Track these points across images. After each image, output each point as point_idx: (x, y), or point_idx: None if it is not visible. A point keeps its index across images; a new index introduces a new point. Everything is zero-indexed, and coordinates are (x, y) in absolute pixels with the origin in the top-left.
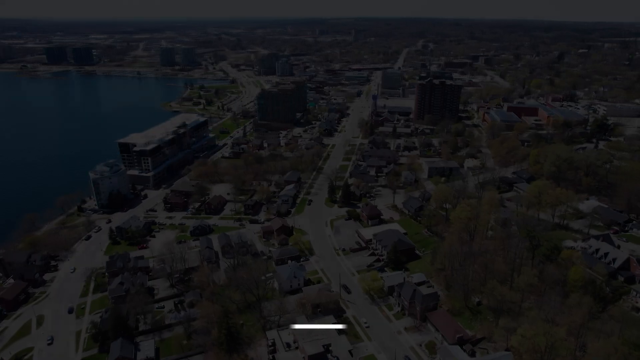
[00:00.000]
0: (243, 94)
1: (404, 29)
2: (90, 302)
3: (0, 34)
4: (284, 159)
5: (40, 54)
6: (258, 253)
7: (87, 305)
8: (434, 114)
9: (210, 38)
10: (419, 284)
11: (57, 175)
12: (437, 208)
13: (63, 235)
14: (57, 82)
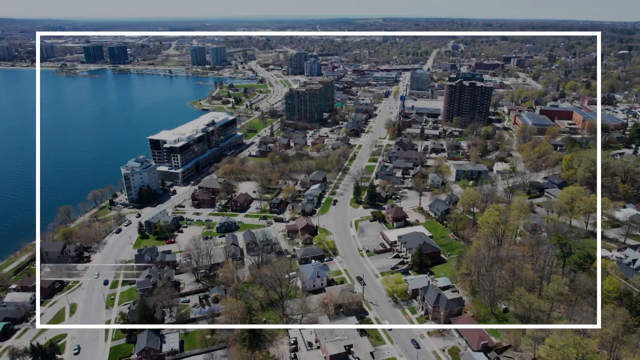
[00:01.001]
0: (271, 93)
1: (433, 30)
2: (120, 293)
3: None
4: (310, 159)
5: (79, 53)
6: (282, 251)
7: (116, 296)
8: (463, 116)
9: (240, 37)
10: (444, 288)
11: (90, 170)
12: (464, 212)
13: (95, 228)
14: (93, 80)
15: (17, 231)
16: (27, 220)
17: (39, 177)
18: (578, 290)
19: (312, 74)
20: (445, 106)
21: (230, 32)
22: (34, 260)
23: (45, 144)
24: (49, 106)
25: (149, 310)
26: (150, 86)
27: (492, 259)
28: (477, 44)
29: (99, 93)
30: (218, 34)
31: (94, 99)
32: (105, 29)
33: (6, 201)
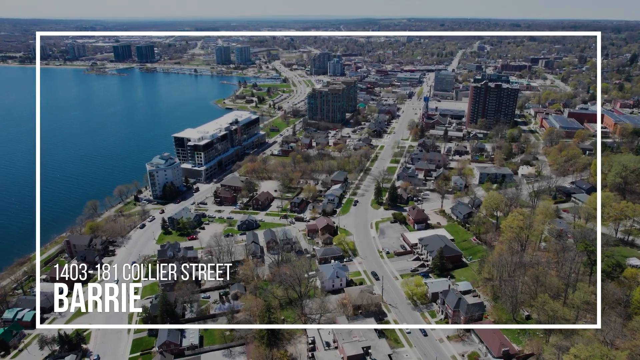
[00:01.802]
0: (294, 93)
1: (459, 30)
2: (142, 287)
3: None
4: (332, 159)
5: (108, 52)
6: (302, 251)
7: (139, 290)
8: (488, 118)
9: (264, 37)
10: (465, 292)
11: (117, 166)
12: (487, 215)
13: (120, 223)
14: (121, 78)
15: (48, 224)
16: (56, 213)
17: (39, 181)
18: (606, 299)
19: (335, 74)
20: (470, 108)
21: (255, 32)
22: (63, 252)
23: (75, 139)
24: (80, 103)
25: (170, 305)
26: (175, 85)
27: (515, 264)
28: (504, 44)
29: (126, 91)
30: (243, 33)
31: (122, 97)
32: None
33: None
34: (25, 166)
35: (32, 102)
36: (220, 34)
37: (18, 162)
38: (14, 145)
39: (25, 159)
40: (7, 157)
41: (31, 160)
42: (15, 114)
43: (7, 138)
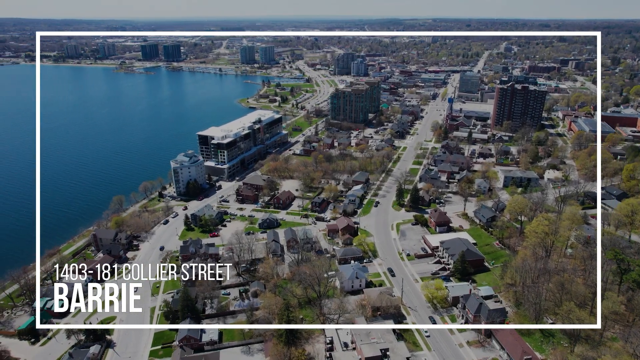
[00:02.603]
0: (317, 93)
1: (485, 31)
2: (164, 281)
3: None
4: (354, 159)
5: (136, 51)
6: (322, 250)
7: (161, 285)
8: (514, 120)
9: (289, 37)
10: (486, 297)
11: (143, 162)
12: (511, 220)
13: (144, 218)
14: (148, 76)
15: (77, 217)
16: (85, 207)
17: (39, 182)
18: (636, 310)
19: (359, 74)
20: (495, 110)
21: (280, 32)
22: (89, 245)
23: (104, 136)
24: (109, 101)
25: (191, 300)
26: (200, 83)
27: (539, 270)
28: (532, 45)
29: (153, 89)
30: (267, 33)
31: (148, 95)
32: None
33: (70, 189)
34: (60, 159)
35: (65, 99)
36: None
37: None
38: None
39: (59, 152)
40: (45, 151)
41: (64, 154)
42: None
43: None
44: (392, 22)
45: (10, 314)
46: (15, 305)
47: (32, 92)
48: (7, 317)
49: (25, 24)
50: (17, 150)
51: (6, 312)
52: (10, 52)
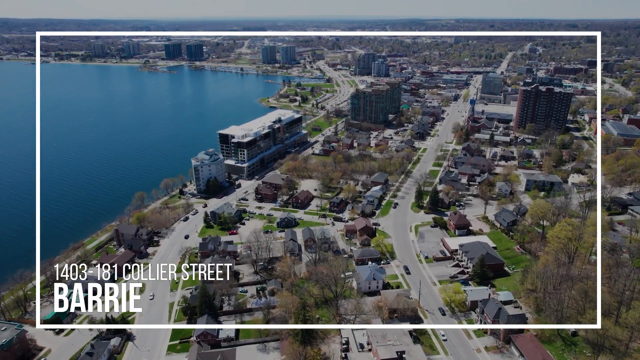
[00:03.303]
0: (337, 93)
1: (509, 31)
2: (183, 278)
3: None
4: (373, 160)
5: (160, 50)
6: (339, 251)
7: (180, 280)
8: (538, 123)
9: (310, 37)
10: (505, 302)
11: (164, 159)
12: (533, 224)
13: (165, 215)
14: (171, 75)
15: (100, 212)
16: (108, 202)
17: (39, 181)
18: None
19: (380, 75)
20: (518, 112)
21: (301, 32)
22: (112, 240)
23: (128, 133)
24: (133, 99)
25: (209, 297)
26: (222, 83)
27: (562, 277)
28: (558, 46)
29: (175, 88)
30: (289, 33)
31: (171, 93)
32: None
33: (94, 185)
34: (85, 155)
35: (91, 97)
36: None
37: (81, 152)
38: (75, 137)
39: (85, 149)
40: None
41: (90, 151)
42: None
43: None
44: (415, 23)
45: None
46: (41, 296)
47: (63, 90)
48: (34, 307)
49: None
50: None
51: (32, 303)
52: (42, 51)
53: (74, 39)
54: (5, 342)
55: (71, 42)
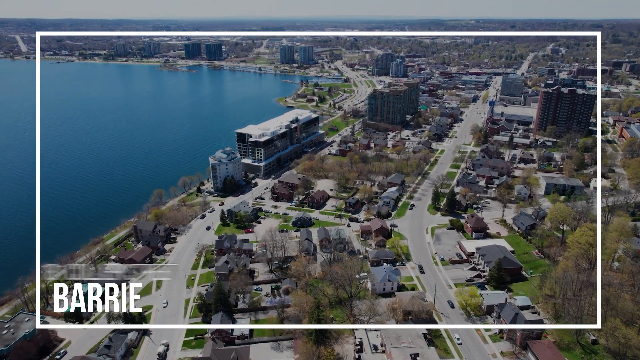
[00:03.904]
0: (355, 93)
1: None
2: (199, 275)
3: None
4: (390, 161)
5: (180, 50)
6: (354, 251)
7: (196, 277)
8: (559, 125)
9: (328, 37)
10: (523, 307)
11: (182, 157)
12: (552, 228)
13: (182, 212)
14: (190, 74)
15: (119, 208)
16: (127, 199)
17: (39, 180)
18: None
19: (398, 75)
20: (539, 114)
21: (319, 32)
22: (130, 236)
23: (148, 131)
24: (153, 98)
25: (224, 294)
26: (240, 82)
27: (582, 283)
28: (582, 47)
29: (194, 87)
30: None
31: (190, 92)
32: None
33: (114, 181)
34: (107, 152)
35: (113, 95)
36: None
37: (102, 149)
38: (98, 134)
39: (106, 146)
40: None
41: (114, 148)
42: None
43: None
44: (434, 23)
45: None
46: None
47: (86, 89)
48: None
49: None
50: (72, 142)
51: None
52: (66, 50)
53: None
54: (28, 333)
55: (94, 41)
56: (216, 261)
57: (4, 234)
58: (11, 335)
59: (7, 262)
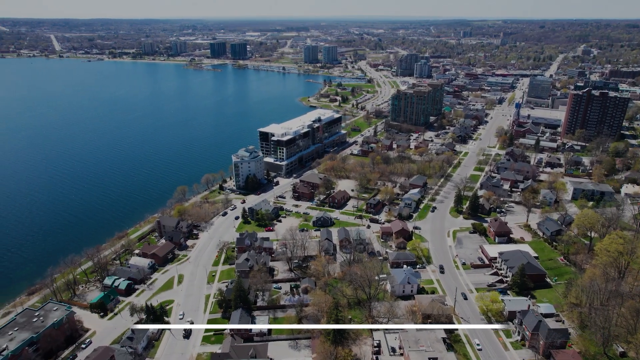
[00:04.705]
0: (378, 94)
1: (560, 32)
2: (220, 271)
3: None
4: (412, 162)
5: (205, 49)
6: (374, 252)
7: (217, 273)
8: (588, 129)
9: (352, 37)
10: (546, 315)
11: (206, 155)
12: (579, 235)
13: (205, 209)
14: (215, 73)
15: (144, 203)
16: (152, 195)
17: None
18: None
19: (422, 76)
20: (568, 117)
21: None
22: (153, 231)
23: (173, 128)
24: (179, 96)
25: (244, 291)
26: (264, 81)
27: (610, 293)
28: (615, 48)
29: (219, 86)
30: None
31: (215, 91)
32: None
33: (139, 177)
34: (133, 148)
35: (141, 92)
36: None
37: (128, 145)
38: (125, 130)
39: (133, 142)
40: (123, 141)
41: (139, 144)
42: (128, 104)
43: (121, 123)
44: (460, 23)
45: (85, 288)
46: (88, 281)
47: (116, 86)
48: (82, 290)
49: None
50: (101, 139)
51: (81, 286)
52: (97, 49)
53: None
54: (56, 322)
55: (124, 40)
56: (237, 258)
57: (38, 226)
58: (41, 323)
59: (39, 253)
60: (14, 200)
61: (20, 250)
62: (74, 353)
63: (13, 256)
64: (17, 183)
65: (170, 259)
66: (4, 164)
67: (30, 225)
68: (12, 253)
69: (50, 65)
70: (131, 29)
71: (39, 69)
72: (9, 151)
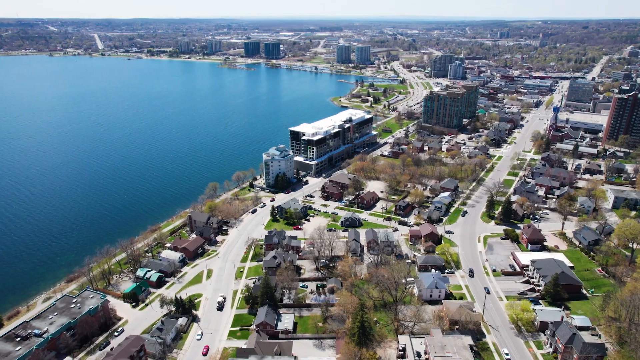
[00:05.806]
0: (410, 95)
1: (605, 33)
2: (248, 268)
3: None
4: (443, 165)
5: (240, 48)
6: (402, 255)
7: (244, 270)
8: (633, 134)
9: (386, 38)
10: (581, 328)
11: (237, 152)
12: (620, 246)
13: (235, 206)
14: (248, 72)
15: (177, 198)
16: (184, 190)
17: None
18: None
19: (456, 78)
20: (610, 122)
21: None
22: (185, 225)
23: (207, 126)
24: (213, 93)
25: (271, 288)
26: (296, 81)
27: None
28: None
29: (252, 84)
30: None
31: (248, 89)
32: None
33: (173, 172)
34: (168, 144)
35: (177, 89)
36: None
37: (165, 141)
38: (162, 126)
39: (170, 139)
40: (159, 137)
41: (174, 141)
42: (165, 101)
43: (158, 120)
44: (497, 24)
45: (119, 279)
46: (122, 271)
47: (154, 83)
48: (116, 280)
49: (150, 23)
50: (138, 134)
51: (115, 276)
52: (136, 47)
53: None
54: (92, 309)
55: (161, 39)
56: (264, 255)
57: (77, 216)
58: (78, 309)
59: (78, 243)
60: (59, 190)
61: (60, 239)
62: (107, 340)
63: (54, 244)
64: (61, 175)
65: (200, 254)
66: (51, 157)
67: (71, 215)
68: (54, 241)
69: (93, 63)
70: (169, 28)
71: (83, 67)
72: (56, 144)
